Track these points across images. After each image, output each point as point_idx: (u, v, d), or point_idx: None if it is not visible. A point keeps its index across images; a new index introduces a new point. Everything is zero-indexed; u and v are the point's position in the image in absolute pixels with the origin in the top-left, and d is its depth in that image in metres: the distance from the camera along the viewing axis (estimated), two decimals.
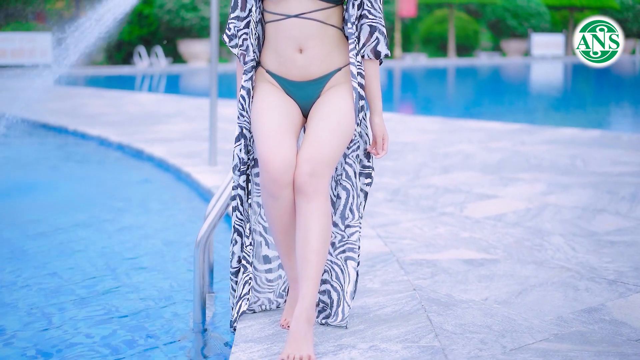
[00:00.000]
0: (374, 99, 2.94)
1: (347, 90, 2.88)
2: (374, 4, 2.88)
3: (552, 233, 4.34)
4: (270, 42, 2.90)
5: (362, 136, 2.97)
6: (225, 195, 3.32)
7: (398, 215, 4.75)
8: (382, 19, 2.91)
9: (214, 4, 6.15)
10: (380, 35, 2.88)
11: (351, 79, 2.87)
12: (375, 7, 2.88)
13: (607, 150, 7.32)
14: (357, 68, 2.86)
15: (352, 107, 2.86)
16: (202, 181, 5.80)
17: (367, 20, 2.87)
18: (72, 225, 4.92)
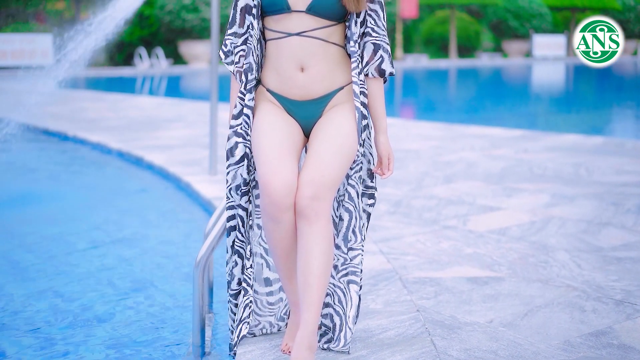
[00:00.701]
0: (379, 118, 2.87)
1: (350, 109, 2.82)
2: (377, 21, 2.82)
3: (557, 248, 4.28)
4: (270, 60, 2.84)
5: (366, 156, 2.91)
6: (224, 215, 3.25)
7: (401, 229, 4.69)
8: (385, 36, 2.85)
9: (214, 5, 6.09)
10: (385, 54, 2.82)
11: (354, 98, 2.81)
12: (378, 25, 2.82)
13: (611, 159, 7.25)
14: (360, 87, 2.80)
15: (354, 127, 2.80)
16: (202, 192, 5.74)
17: (371, 38, 2.81)
18: (71, 238, 4.86)
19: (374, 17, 2.81)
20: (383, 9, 2.84)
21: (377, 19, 2.82)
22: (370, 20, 2.81)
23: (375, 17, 2.81)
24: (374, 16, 2.81)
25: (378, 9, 2.81)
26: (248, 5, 2.83)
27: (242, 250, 2.90)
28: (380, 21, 2.82)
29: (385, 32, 2.85)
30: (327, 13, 2.75)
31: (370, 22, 2.81)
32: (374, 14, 2.81)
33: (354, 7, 2.74)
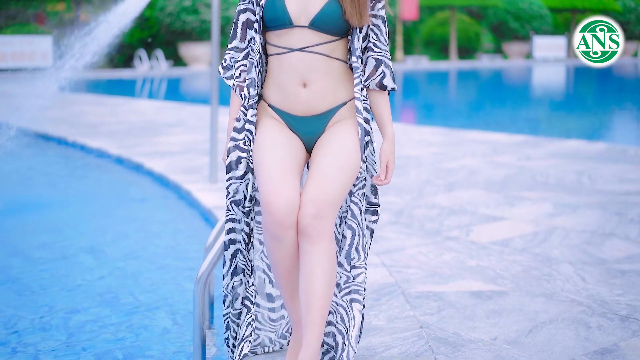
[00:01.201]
0: (384, 125, 2.81)
1: (353, 125, 2.78)
2: (380, 36, 2.78)
3: (560, 261, 4.24)
4: (272, 75, 2.80)
5: (369, 172, 2.87)
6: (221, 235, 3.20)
7: (403, 240, 4.65)
8: (387, 51, 2.81)
9: (215, 7, 6.06)
10: (386, 69, 2.78)
11: (356, 115, 2.77)
12: (380, 40, 2.78)
13: (614, 166, 7.21)
14: (363, 103, 2.77)
15: (357, 143, 2.76)
16: (202, 200, 5.70)
17: (373, 54, 2.78)
18: (70, 249, 4.82)
19: (376, 32, 2.78)
20: (385, 24, 2.80)
21: (380, 34, 2.78)
22: (373, 35, 2.77)
23: (377, 32, 2.78)
24: (376, 31, 2.78)
25: (380, 23, 2.78)
26: (249, 20, 2.80)
27: (245, 267, 2.87)
28: (383, 36, 2.79)
29: (387, 47, 2.81)
30: (329, 28, 2.72)
31: (372, 37, 2.78)
32: (376, 29, 2.78)
33: (357, 21, 2.71)
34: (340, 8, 2.70)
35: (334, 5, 2.70)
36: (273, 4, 2.74)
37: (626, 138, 11.45)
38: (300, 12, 2.72)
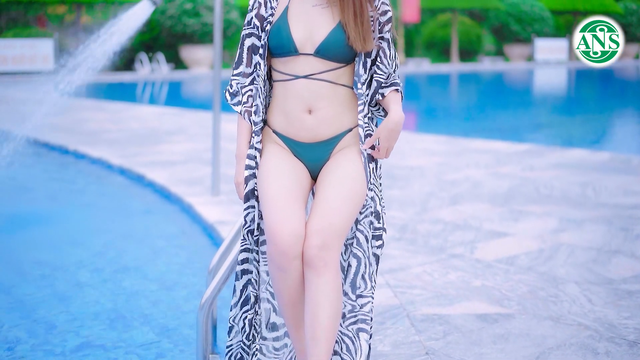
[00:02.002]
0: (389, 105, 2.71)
1: (358, 152, 2.74)
2: (384, 59, 2.74)
3: (566, 280, 4.20)
4: (277, 101, 2.76)
5: (374, 199, 2.82)
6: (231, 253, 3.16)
7: (407, 259, 4.61)
8: (392, 73, 2.76)
9: (217, 9, 6.02)
10: (385, 89, 2.74)
11: (360, 143, 2.73)
12: (384, 63, 2.74)
13: (618, 177, 7.17)
14: (365, 130, 2.73)
15: (363, 171, 2.72)
16: (204, 215, 5.66)
17: (376, 76, 2.74)
18: (70, 266, 4.77)
19: (381, 55, 2.74)
20: (390, 47, 2.76)
21: (384, 57, 2.74)
22: (377, 58, 2.74)
23: (382, 54, 2.74)
24: (381, 53, 2.74)
25: (385, 46, 2.74)
26: (255, 45, 2.76)
27: (256, 297, 2.83)
28: (386, 59, 2.74)
29: (391, 68, 2.76)
30: (335, 55, 2.68)
31: (377, 59, 2.74)
32: (381, 52, 2.74)
33: (361, 46, 2.67)
34: (345, 34, 2.67)
35: (339, 33, 2.67)
36: (278, 32, 2.70)
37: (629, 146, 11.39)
38: (305, 39, 2.69)
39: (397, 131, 2.69)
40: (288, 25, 2.71)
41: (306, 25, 2.71)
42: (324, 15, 2.71)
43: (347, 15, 2.67)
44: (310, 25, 2.70)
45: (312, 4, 2.74)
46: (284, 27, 2.71)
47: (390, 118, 2.68)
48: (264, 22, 2.75)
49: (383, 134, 2.68)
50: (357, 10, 2.68)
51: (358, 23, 2.68)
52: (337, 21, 2.69)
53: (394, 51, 2.79)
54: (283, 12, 2.74)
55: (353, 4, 2.68)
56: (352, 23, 2.67)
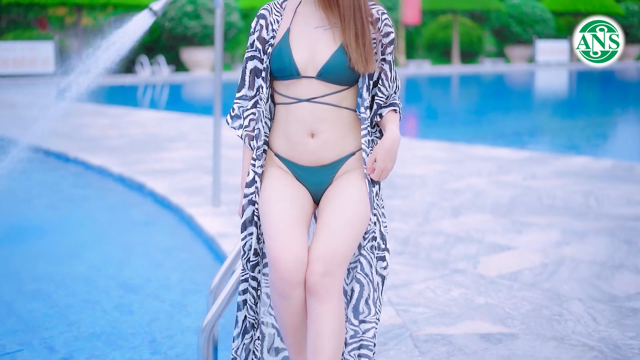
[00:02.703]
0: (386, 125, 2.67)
1: (361, 177, 2.71)
2: (385, 81, 2.69)
3: (570, 298, 4.16)
4: (280, 125, 2.73)
5: (377, 224, 2.79)
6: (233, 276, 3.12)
7: (409, 274, 4.57)
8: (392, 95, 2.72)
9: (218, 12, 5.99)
10: (383, 108, 2.70)
11: (363, 166, 2.70)
12: (385, 85, 2.69)
13: (621, 186, 7.13)
14: (369, 154, 2.69)
15: (366, 196, 2.68)
16: (205, 227, 5.62)
17: (377, 98, 2.70)
18: (68, 280, 4.74)
19: (382, 77, 2.70)
20: (392, 69, 2.71)
21: (385, 79, 2.70)
22: (380, 80, 2.70)
23: (383, 76, 2.70)
24: (382, 75, 2.70)
25: (387, 68, 2.70)
26: (257, 68, 2.73)
27: (254, 322, 2.79)
28: (387, 81, 2.70)
29: (391, 90, 2.72)
30: (337, 78, 2.65)
31: (379, 82, 2.70)
32: (383, 74, 2.70)
33: (363, 68, 2.63)
34: (347, 57, 2.63)
35: (341, 55, 2.63)
36: (280, 54, 2.67)
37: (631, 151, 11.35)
38: (307, 62, 2.65)
39: (393, 151, 2.64)
40: (290, 47, 2.67)
41: (308, 48, 2.67)
42: (326, 37, 2.68)
43: (349, 38, 2.64)
44: (312, 48, 2.67)
45: (314, 26, 2.71)
46: (285, 49, 2.67)
47: (386, 137, 2.63)
48: (266, 45, 2.71)
49: (379, 154, 2.63)
50: (359, 32, 2.64)
51: (360, 45, 2.64)
52: (339, 43, 2.65)
53: (395, 73, 2.75)
54: (284, 35, 2.71)
55: (355, 26, 2.65)
56: (354, 45, 2.63)
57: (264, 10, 2.77)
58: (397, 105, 2.72)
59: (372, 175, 2.66)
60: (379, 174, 2.65)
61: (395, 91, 2.76)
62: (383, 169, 2.64)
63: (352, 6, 2.64)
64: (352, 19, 2.64)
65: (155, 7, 5.62)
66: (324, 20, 2.70)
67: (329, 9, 2.67)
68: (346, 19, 2.64)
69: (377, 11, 2.71)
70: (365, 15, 2.66)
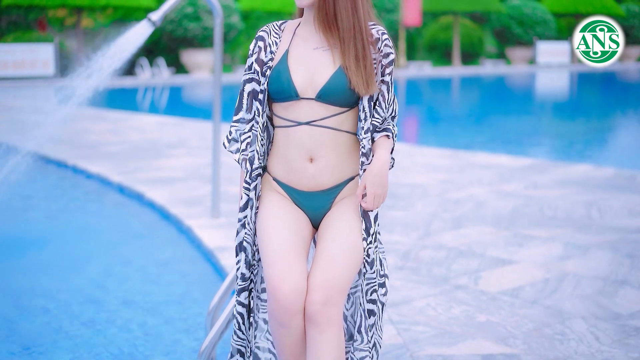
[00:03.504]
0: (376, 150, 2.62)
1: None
2: (382, 102, 2.65)
3: (573, 315, 4.11)
4: (278, 148, 2.69)
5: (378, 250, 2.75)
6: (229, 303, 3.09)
7: (410, 290, 4.53)
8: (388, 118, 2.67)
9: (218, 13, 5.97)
10: (375, 133, 2.65)
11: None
12: (382, 107, 2.65)
13: (623, 196, 7.08)
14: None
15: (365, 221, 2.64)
16: (204, 240, 5.58)
17: (373, 120, 2.65)
18: (66, 295, 4.69)
19: (380, 99, 2.65)
20: (389, 90, 2.66)
21: (382, 100, 2.65)
22: (377, 101, 2.65)
23: (380, 98, 2.65)
24: (380, 97, 2.65)
25: (385, 90, 2.65)
26: (255, 90, 2.69)
27: (244, 348, 2.75)
28: (385, 102, 2.65)
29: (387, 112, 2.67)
30: (337, 100, 2.61)
31: (376, 103, 2.65)
32: (380, 95, 2.65)
33: (364, 90, 2.59)
34: (347, 78, 2.59)
35: (340, 77, 2.59)
36: (278, 76, 2.63)
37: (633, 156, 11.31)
38: (306, 84, 2.61)
39: (381, 176, 2.59)
40: (288, 69, 2.63)
41: (307, 69, 2.63)
42: (325, 58, 2.64)
43: (348, 59, 2.60)
44: (311, 69, 2.63)
45: (313, 47, 2.67)
46: (283, 71, 2.63)
47: (374, 162, 2.59)
48: (264, 67, 2.67)
49: (368, 180, 2.59)
50: (360, 54, 2.60)
51: (360, 67, 2.60)
52: (338, 64, 2.61)
53: (393, 96, 2.71)
54: (283, 56, 2.67)
55: (355, 48, 2.61)
56: (354, 67, 2.59)
57: (262, 32, 2.74)
58: (391, 131, 2.67)
59: (364, 205, 2.60)
60: (370, 201, 2.60)
61: (393, 115, 2.72)
62: (374, 195, 2.59)
63: (352, 28, 2.60)
64: (352, 40, 2.60)
65: (154, 17, 5.60)
66: (323, 41, 2.66)
67: (328, 31, 2.63)
68: (346, 41, 2.60)
69: (377, 31, 2.67)
70: (365, 37, 2.62)
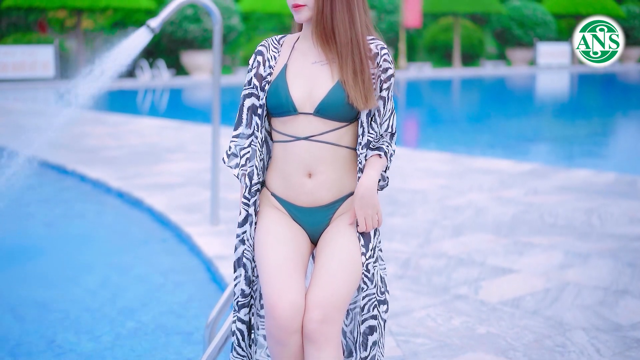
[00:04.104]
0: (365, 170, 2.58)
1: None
2: (377, 117, 2.61)
3: (574, 327, 4.09)
4: (277, 163, 2.66)
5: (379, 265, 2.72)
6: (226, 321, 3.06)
7: (410, 300, 4.50)
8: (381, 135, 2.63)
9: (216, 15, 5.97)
10: (368, 151, 2.60)
11: None
12: (377, 122, 2.60)
13: (624, 202, 7.06)
14: None
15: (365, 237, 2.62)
16: (203, 248, 5.56)
17: (367, 135, 2.60)
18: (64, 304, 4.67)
19: (375, 113, 2.62)
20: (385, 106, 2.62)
21: (377, 116, 2.61)
22: (372, 117, 2.62)
23: (376, 113, 2.62)
24: (376, 112, 2.62)
25: (381, 105, 2.62)
26: (254, 105, 2.67)
27: None
28: (379, 118, 2.61)
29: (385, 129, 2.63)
30: (335, 115, 2.58)
31: (371, 118, 2.62)
32: (376, 110, 2.62)
33: (362, 105, 2.57)
34: (345, 93, 2.56)
35: (338, 91, 2.57)
36: (276, 90, 2.61)
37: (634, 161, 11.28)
38: (305, 98, 2.59)
39: (369, 197, 2.56)
40: (286, 83, 2.61)
41: (305, 84, 2.61)
42: (324, 73, 2.62)
43: (346, 74, 2.57)
44: (309, 84, 2.61)
45: (312, 61, 2.65)
46: (282, 85, 2.61)
47: (360, 183, 2.57)
48: (262, 81, 2.65)
49: (355, 204, 2.57)
50: (357, 68, 2.58)
51: (358, 81, 2.57)
52: (336, 79, 2.59)
53: (392, 110, 2.67)
54: (281, 71, 2.65)
55: (352, 62, 2.58)
56: (352, 82, 2.57)
57: (261, 47, 2.72)
58: (384, 150, 2.62)
59: (359, 229, 2.59)
60: (362, 224, 2.58)
61: (392, 132, 2.67)
62: (364, 217, 2.57)
63: (350, 42, 2.58)
64: (350, 55, 2.58)
65: (152, 24, 5.59)
66: (321, 55, 2.64)
67: (326, 45, 2.61)
68: (343, 55, 2.58)
69: (376, 46, 2.64)
70: (363, 51, 2.59)
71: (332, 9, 2.57)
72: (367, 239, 2.61)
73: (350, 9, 2.58)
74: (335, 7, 2.57)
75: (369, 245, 2.62)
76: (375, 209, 2.57)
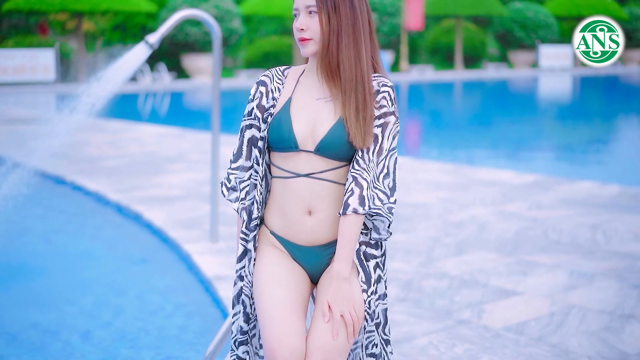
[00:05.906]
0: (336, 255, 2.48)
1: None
2: (366, 154, 2.48)
3: (579, 355, 4.01)
4: (276, 200, 2.59)
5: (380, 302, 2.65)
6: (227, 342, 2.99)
7: (412, 325, 4.42)
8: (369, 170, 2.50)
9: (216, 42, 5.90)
10: (357, 187, 2.45)
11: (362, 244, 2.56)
12: (364, 158, 2.48)
13: (629, 217, 6.98)
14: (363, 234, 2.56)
15: (366, 277, 2.55)
16: (202, 268, 5.48)
17: (353, 171, 2.47)
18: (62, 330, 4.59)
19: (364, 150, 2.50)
20: (376, 144, 2.52)
21: (366, 152, 2.50)
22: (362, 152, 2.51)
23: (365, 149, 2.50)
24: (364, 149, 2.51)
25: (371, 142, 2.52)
26: (255, 137, 2.59)
27: None
28: (368, 155, 2.50)
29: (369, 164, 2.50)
30: (336, 153, 2.51)
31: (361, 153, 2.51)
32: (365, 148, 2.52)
33: (360, 143, 2.48)
34: (346, 131, 2.48)
35: (339, 129, 2.49)
36: (279, 125, 2.53)
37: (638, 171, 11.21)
38: (307, 135, 2.51)
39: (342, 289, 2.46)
40: (290, 118, 2.53)
41: (308, 120, 2.53)
42: (327, 110, 2.54)
43: (349, 111, 2.49)
44: (312, 120, 2.53)
45: (316, 97, 2.57)
46: (285, 120, 2.53)
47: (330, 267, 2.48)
48: (265, 113, 2.57)
49: (329, 294, 2.45)
50: (360, 106, 2.50)
51: (360, 119, 2.49)
52: (338, 116, 2.51)
53: (386, 152, 2.50)
54: (285, 104, 2.57)
55: (356, 99, 2.50)
56: (354, 119, 2.49)
57: (264, 77, 2.64)
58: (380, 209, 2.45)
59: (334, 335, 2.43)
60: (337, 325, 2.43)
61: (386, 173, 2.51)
62: (340, 313, 2.44)
63: (355, 79, 2.50)
64: (354, 92, 2.50)
65: (151, 40, 5.54)
66: (326, 92, 2.56)
67: (331, 81, 2.53)
68: (347, 92, 2.50)
69: (379, 83, 2.56)
70: (368, 88, 2.52)
71: (339, 43, 2.49)
72: (367, 273, 2.54)
73: (357, 44, 2.50)
74: (342, 42, 2.49)
75: (370, 280, 2.54)
76: (350, 303, 2.45)
